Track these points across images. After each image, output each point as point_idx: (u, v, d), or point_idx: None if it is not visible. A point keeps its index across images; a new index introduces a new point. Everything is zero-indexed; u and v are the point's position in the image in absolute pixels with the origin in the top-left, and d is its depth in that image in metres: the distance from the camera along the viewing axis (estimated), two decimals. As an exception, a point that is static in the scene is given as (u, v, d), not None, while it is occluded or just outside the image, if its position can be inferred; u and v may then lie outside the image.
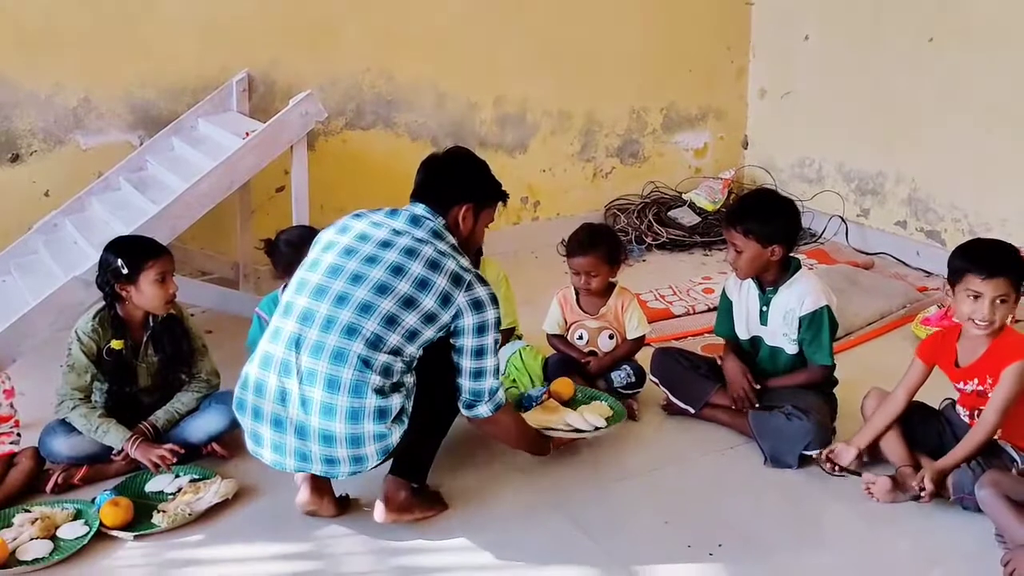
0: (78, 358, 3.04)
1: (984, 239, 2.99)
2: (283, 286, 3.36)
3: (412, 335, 2.64)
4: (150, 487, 2.98)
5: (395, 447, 2.69)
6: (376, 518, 2.76)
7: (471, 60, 4.91)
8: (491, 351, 2.76)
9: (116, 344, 3.07)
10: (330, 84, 4.55)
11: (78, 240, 3.68)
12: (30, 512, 2.82)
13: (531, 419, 3.10)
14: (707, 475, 3.10)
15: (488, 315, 2.72)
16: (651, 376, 3.45)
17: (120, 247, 3.07)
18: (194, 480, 2.99)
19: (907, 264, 4.87)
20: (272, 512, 2.90)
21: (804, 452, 3.04)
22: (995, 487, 2.57)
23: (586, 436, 3.11)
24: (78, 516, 2.84)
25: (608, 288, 3.51)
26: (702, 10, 5.42)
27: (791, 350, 3.23)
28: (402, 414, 2.66)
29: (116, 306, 3.08)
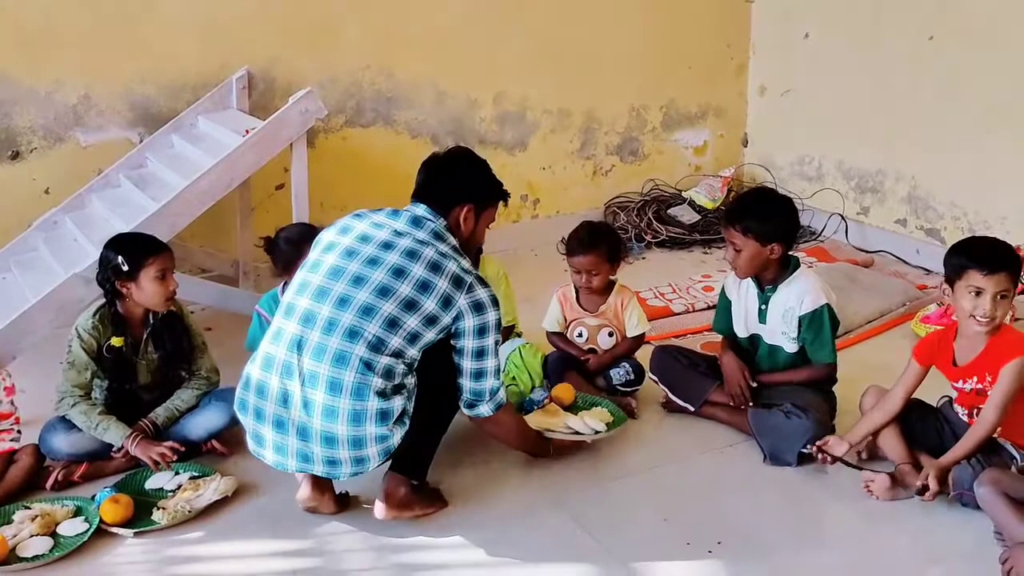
0: (78, 355, 3.04)
1: (980, 236, 3.00)
2: (283, 284, 3.38)
3: (413, 337, 2.65)
4: (150, 484, 2.98)
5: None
6: (376, 515, 2.76)
7: (471, 58, 4.91)
8: (492, 352, 2.77)
9: (116, 341, 3.07)
10: (330, 81, 4.55)
11: (78, 237, 3.68)
12: (30, 509, 2.82)
13: (532, 421, 3.10)
14: (706, 473, 3.10)
15: (489, 317, 2.72)
16: (650, 374, 3.46)
17: (120, 244, 3.07)
18: (194, 477, 2.99)
19: (907, 262, 4.87)
20: (272, 509, 2.90)
21: (803, 450, 3.04)
22: (994, 485, 2.57)
23: (586, 439, 3.12)
24: (78, 513, 2.84)
25: (608, 286, 3.52)
26: (702, 8, 5.42)
27: (790, 348, 3.23)
28: (403, 416, 2.67)
29: (116, 303, 3.08)
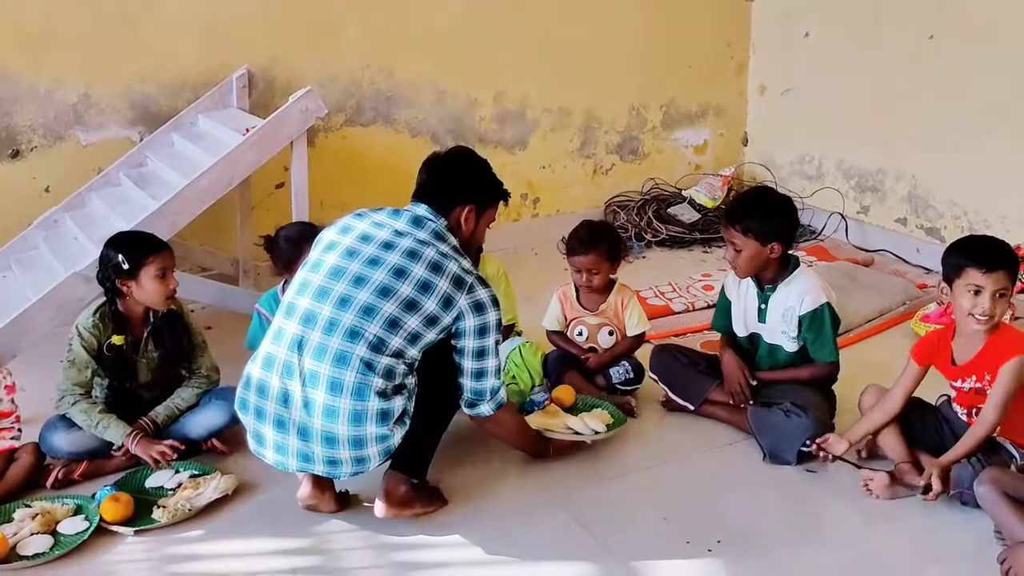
0: (79, 354, 3.04)
1: (978, 235, 3.01)
2: (283, 282, 3.38)
3: (414, 338, 2.65)
4: (150, 483, 2.99)
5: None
6: (376, 513, 2.76)
7: (471, 57, 4.91)
8: (492, 352, 2.77)
9: (117, 340, 3.07)
10: (330, 80, 4.55)
11: (78, 236, 3.68)
12: (30, 507, 2.83)
13: (532, 422, 3.11)
14: (706, 471, 3.10)
15: (489, 317, 2.73)
16: (650, 373, 3.46)
17: (121, 243, 3.07)
18: (194, 476, 2.99)
19: (907, 261, 4.87)
20: (272, 507, 2.90)
21: (803, 449, 3.04)
22: (994, 484, 2.57)
23: (585, 440, 3.12)
24: (78, 511, 2.84)
25: (608, 285, 3.52)
26: (702, 7, 5.42)
27: (790, 347, 3.23)
28: (404, 415, 2.67)
29: (117, 302, 3.08)
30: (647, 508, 2.90)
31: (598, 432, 3.12)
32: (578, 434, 3.11)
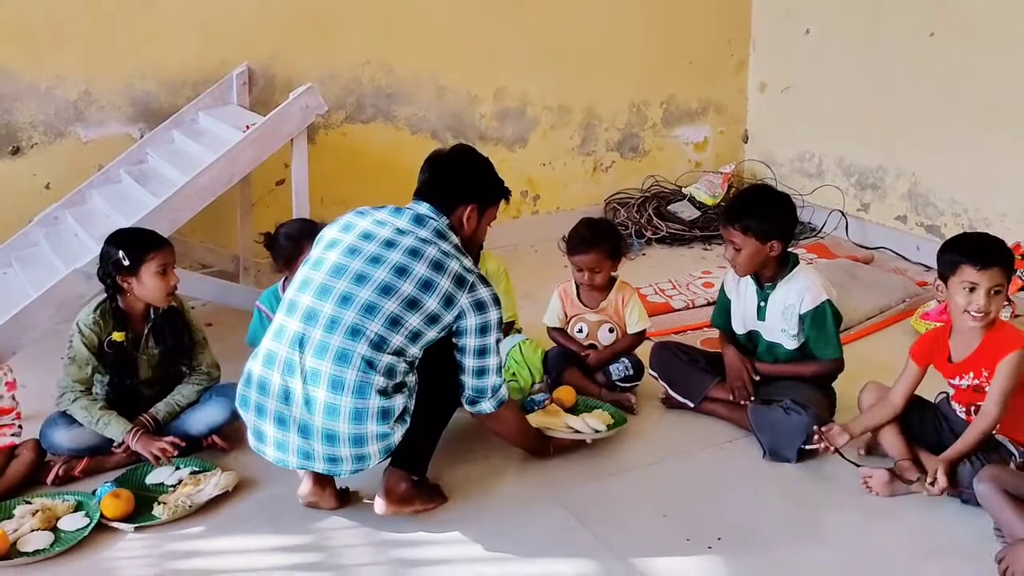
0: (79, 350, 3.04)
1: (972, 232, 3.01)
2: (283, 279, 3.38)
3: (415, 336, 2.65)
4: (151, 479, 2.99)
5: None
6: (376, 510, 2.77)
7: (471, 54, 4.90)
8: (494, 350, 2.78)
9: (117, 336, 3.07)
10: (330, 77, 4.55)
11: (79, 233, 3.68)
12: (31, 504, 2.83)
13: (533, 421, 3.11)
14: (706, 469, 3.11)
15: (491, 316, 2.73)
16: (650, 370, 3.46)
17: (121, 239, 3.07)
18: (194, 472, 2.99)
19: (907, 259, 4.87)
20: (272, 504, 2.90)
21: (803, 446, 3.05)
22: (994, 481, 2.57)
23: (586, 439, 3.12)
24: (79, 508, 2.85)
25: (609, 282, 3.52)
26: (702, 4, 5.41)
27: (790, 345, 3.23)
28: (404, 414, 2.67)
29: (117, 298, 3.08)
30: (647, 505, 2.91)
31: (598, 431, 3.12)
32: (578, 433, 3.11)
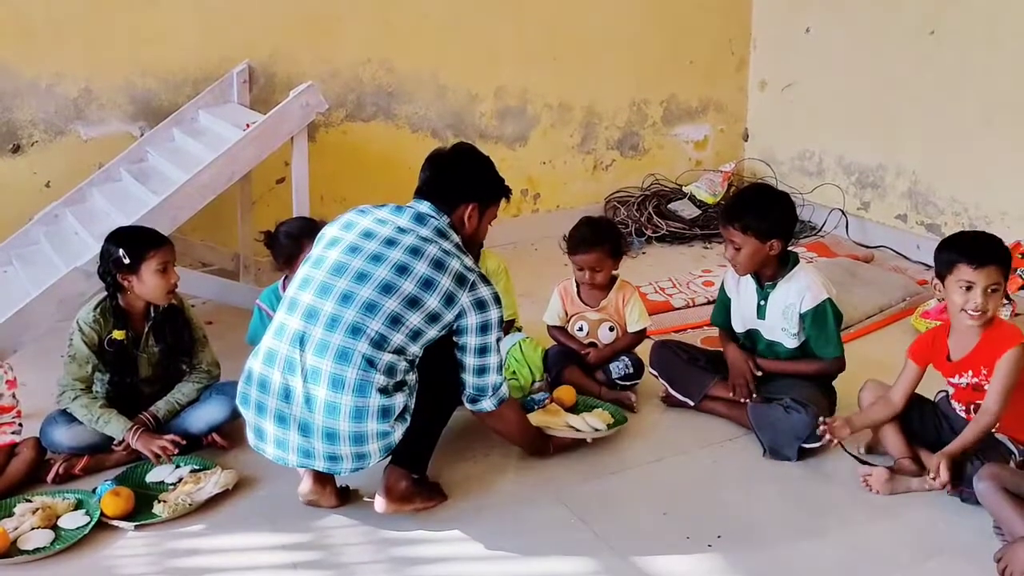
0: (79, 348, 3.04)
1: (968, 231, 3.00)
2: (284, 278, 3.38)
3: (416, 334, 2.65)
4: (151, 477, 2.99)
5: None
6: (376, 508, 2.77)
7: (471, 52, 4.90)
8: (494, 348, 2.78)
9: (118, 334, 3.07)
10: (330, 76, 4.55)
11: (79, 231, 3.68)
12: (31, 502, 2.83)
13: (533, 420, 3.11)
14: (706, 467, 3.11)
15: (491, 314, 2.73)
16: (650, 368, 3.46)
17: (122, 237, 3.07)
18: (195, 470, 2.99)
19: (907, 257, 4.86)
20: (272, 502, 2.90)
21: (803, 444, 3.05)
22: (994, 480, 2.57)
23: (585, 437, 3.12)
24: (79, 506, 2.85)
25: (610, 281, 3.52)
26: (703, 2, 5.41)
27: (790, 344, 3.23)
28: (405, 412, 2.67)
29: (118, 296, 3.08)
30: (647, 503, 2.91)
31: (598, 430, 3.12)
32: (578, 432, 3.12)
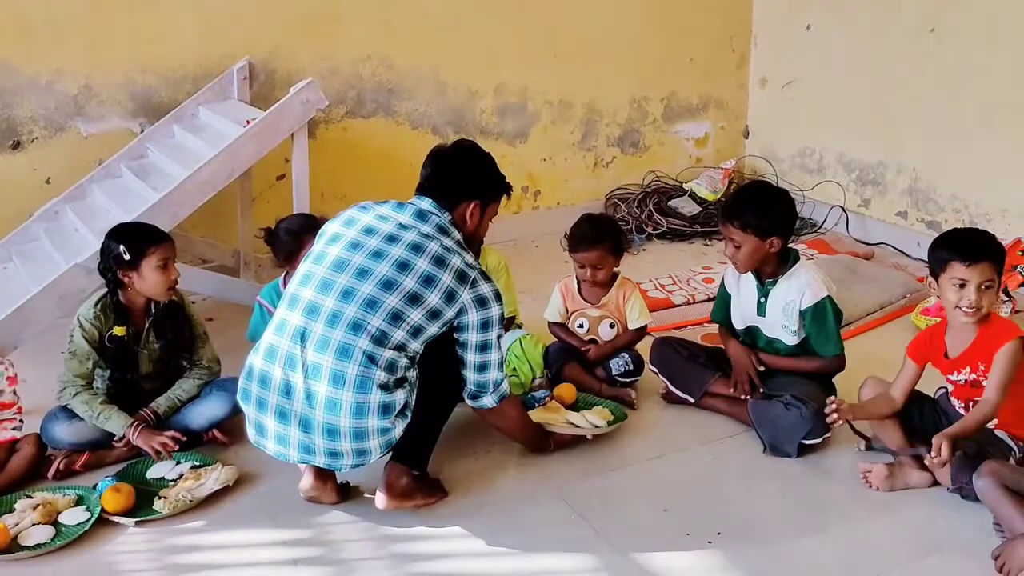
0: (80, 345, 3.05)
1: (961, 228, 3.00)
2: (284, 274, 3.38)
3: (416, 331, 2.65)
4: (151, 473, 2.99)
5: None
6: (377, 505, 2.77)
7: (472, 49, 4.90)
8: (495, 345, 2.78)
9: (118, 330, 3.07)
10: (331, 72, 4.54)
11: (79, 227, 3.69)
12: (32, 498, 2.83)
13: (534, 417, 3.11)
14: (706, 464, 3.11)
15: (492, 312, 2.73)
16: (650, 366, 3.46)
17: (122, 233, 3.07)
18: (195, 467, 3.00)
19: (907, 254, 4.86)
20: (273, 499, 2.91)
21: (803, 441, 3.05)
22: (993, 477, 2.57)
23: (585, 433, 3.12)
24: (80, 502, 2.85)
25: (611, 278, 3.52)
26: (703, -1, 5.43)
27: (790, 341, 3.23)
28: (405, 408, 2.68)
29: (118, 293, 3.08)
30: (647, 500, 2.91)
31: (598, 427, 3.13)
32: (579, 428, 3.12)
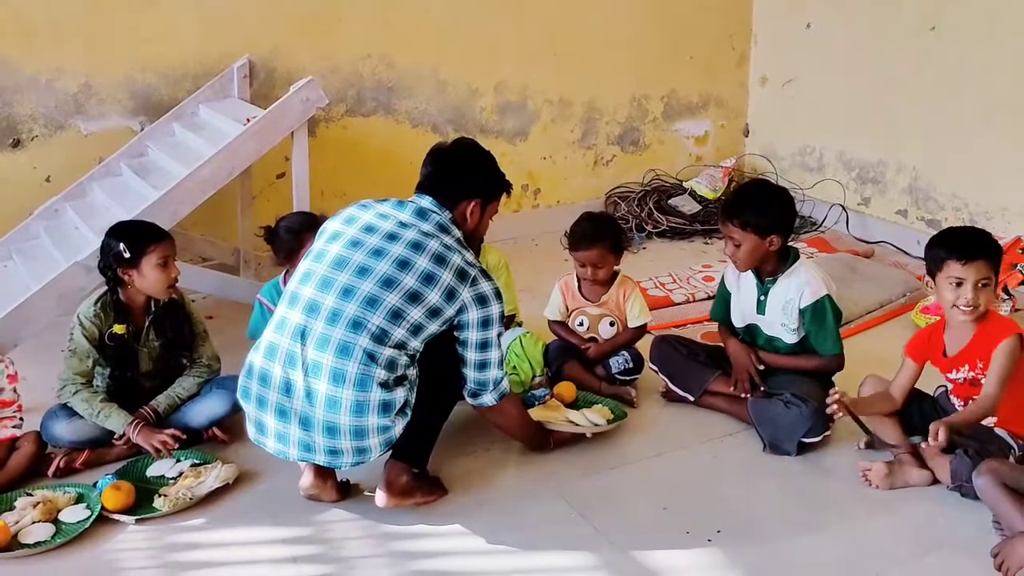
0: (80, 343, 3.05)
1: (956, 227, 3.00)
2: (284, 272, 3.38)
3: (416, 329, 2.65)
4: (151, 471, 2.99)
5: (397, 434, 2.71)
6: (377, 503, 2.77)
7: (472, 47, 4.90)
8: (495, 343, 2.78)
9: (118, 329, 3.07)
10: (331, 71, 4.54)
11: (79, 226, 3.69)
12: (32, 496, 2.83)
13: (533, 415, 3.11)
14: (706, 462, 3.11)
15: (492, 310, 2.73)
16: (650, 364, 3.46)
17: (122, 231, 3.07)
18: (195, 465, 3.00)
19: (907, 253, 4.87)
20: (273, 497, 2.91)
21: (803, 439, 3.05)
22: (993, 475, 2.57)
23: (585, 431, 3.13)
24: (80, 500, 2.85)
25: (611, 276, 3.52)
26: (703, -3, 5.42)
27: (789, 339, 3.23)
28: (405, 407, 2.68)
29: (118, 291, 3.08)
30: (647, 498, 2.91)
31: (598, 425, 3.13)
32: (578, 426, 3.12)
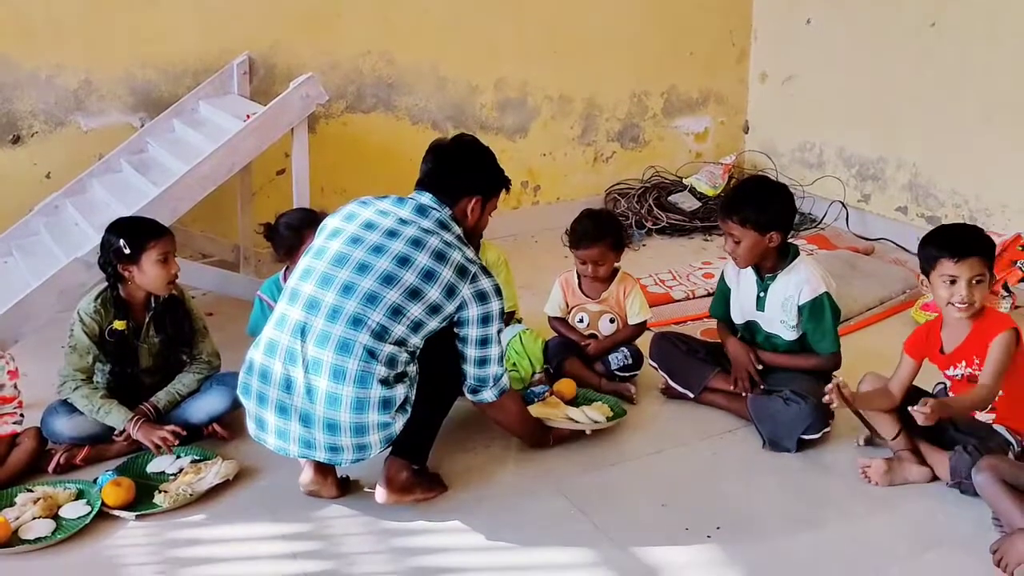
0: (80, 339, 3.05)
1: (948, 224, 2.99)
2: (284, 269, 3.38)
3: (417, 326, 2.65)
4: (151, 468, 3.00)
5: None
6: (377, 499, 2.78)
7: (472, 44, 4.90)
8: (495, 340, 2.78)
9: (118, 325, 3.07)
10: (331, 67, 4.54)
11: (79, 222, 3.68)
12: (32, 492, 2.84)
13: (533, 412, 3.12)
14: (705, 459, 3.11)
15: (492, 306, 2.74)
16: (650, 360, 3.47)
17: (122, 228, 3.07)
18: (195, 461, 3.00)
19: (907, 250, 4.85)
20: (273, 493, 2.91)
21: (802, 436, 3.05)
22: (992, 471, 2.57)
23: (584, 428, 3.13)
24: (80, 496, 2.86)
25: (612, 273, 3.52)
26: (704, -6, 5.42)
27: (788, 336, 3.23)
28: (405, 403, 2.68)
29: (118, 287, 3.09)
30: (646, 495, 2.92)
31: (597, 422, 3.13)
32: (577, 423, 3.12)
